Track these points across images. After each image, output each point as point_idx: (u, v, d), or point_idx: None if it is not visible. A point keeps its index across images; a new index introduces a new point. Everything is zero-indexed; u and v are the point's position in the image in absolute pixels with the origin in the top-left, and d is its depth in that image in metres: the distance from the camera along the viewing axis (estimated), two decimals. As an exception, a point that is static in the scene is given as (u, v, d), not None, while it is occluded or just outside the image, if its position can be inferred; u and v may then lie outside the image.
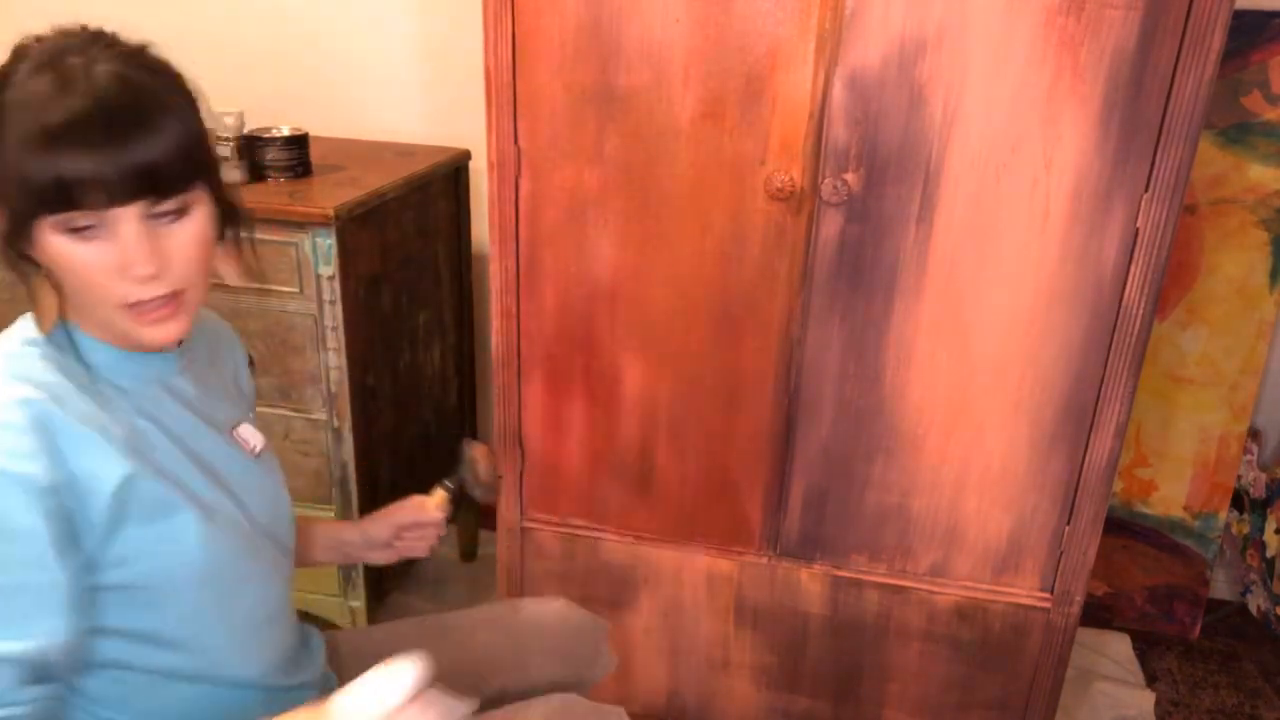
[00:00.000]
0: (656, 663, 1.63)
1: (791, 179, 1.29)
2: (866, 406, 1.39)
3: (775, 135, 1.28)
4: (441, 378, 2.02)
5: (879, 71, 1.23)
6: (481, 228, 1.83)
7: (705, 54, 1.26)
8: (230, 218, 0.89)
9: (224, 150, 1.64)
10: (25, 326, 0.85)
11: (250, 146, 1.67)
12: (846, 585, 1.50)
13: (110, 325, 0.82)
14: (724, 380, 1.42)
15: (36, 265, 0.81)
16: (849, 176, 1.28)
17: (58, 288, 0.81)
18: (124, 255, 0.78)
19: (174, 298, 0.81)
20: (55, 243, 0.77)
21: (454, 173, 1.95)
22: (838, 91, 1.24)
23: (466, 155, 1.96)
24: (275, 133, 1.70)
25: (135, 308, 0.80)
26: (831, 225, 1.30)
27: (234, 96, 1.84)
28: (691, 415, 1.45)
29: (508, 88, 1.33)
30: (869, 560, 1.48)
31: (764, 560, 1.52)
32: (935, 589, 1.47)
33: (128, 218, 0.77)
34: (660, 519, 1.53)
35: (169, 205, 0.79)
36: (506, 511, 1.58)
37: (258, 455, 0.98)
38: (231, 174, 1.66)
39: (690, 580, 1.55)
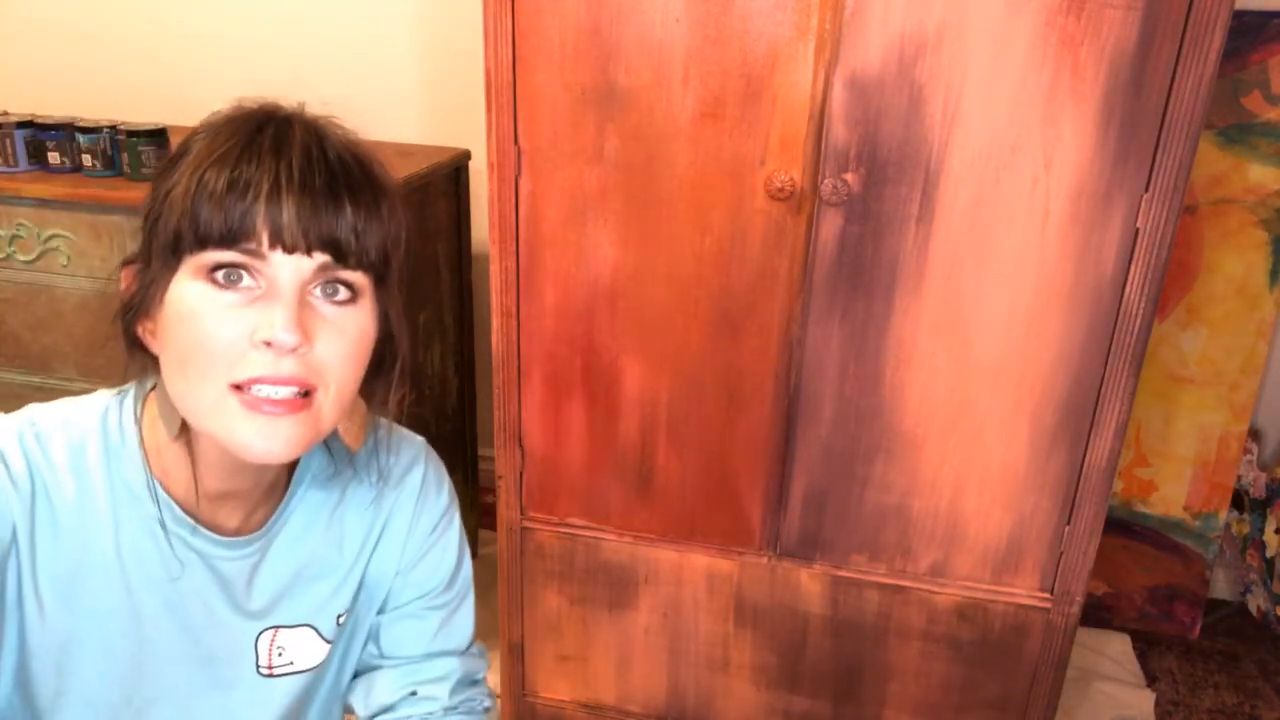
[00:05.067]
0: (656, 663, 1.63)
1: (791, 179, 1.29)
2: (866, 406, 1.39)
3: (775, 135, 1.28)
4: (441, 378, 2.02)
5: (879, 71, 1.23)
6: (481, 228, 1.83)
7: (705, 54, 1.26)
8: (389, 355, 0.73)
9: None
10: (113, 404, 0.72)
11: (250, 146, 1.67)
12: (846, 585, 1.50)
13: (205, 428, 0.65)
14: (724, 380, 1.42)
15: (146, 355, 0.69)
16: (849, 176, 1.28)
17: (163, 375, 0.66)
18: (267, 311, 0.62)
19: (301, 396, 0.64)
20: (187, 292, 0.63)
21: (454, 173, 1.95)
22: (838, 91, 1.24)
23: (466, 155, 1.96)
24: (275, 133, 1.70)
25: (247, 391, 0.63)
26: (831, 225, 1.30)
27: (233, 96, 1.84)
28: (691, 415, 1.45)
29: (508, 88, 1.33)
30: (869, 560, 1.48)
31: (764, 560, 1.52)
32: (935, 589, 1.47)
33: (291, 271, 0.63)
34: (660, 519, 1.53)
35: (345, 276, 0.65)
36: (506, 511, 1.58)
37: (273, 673, 0.80)
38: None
39: (690, 580, 1.55)
